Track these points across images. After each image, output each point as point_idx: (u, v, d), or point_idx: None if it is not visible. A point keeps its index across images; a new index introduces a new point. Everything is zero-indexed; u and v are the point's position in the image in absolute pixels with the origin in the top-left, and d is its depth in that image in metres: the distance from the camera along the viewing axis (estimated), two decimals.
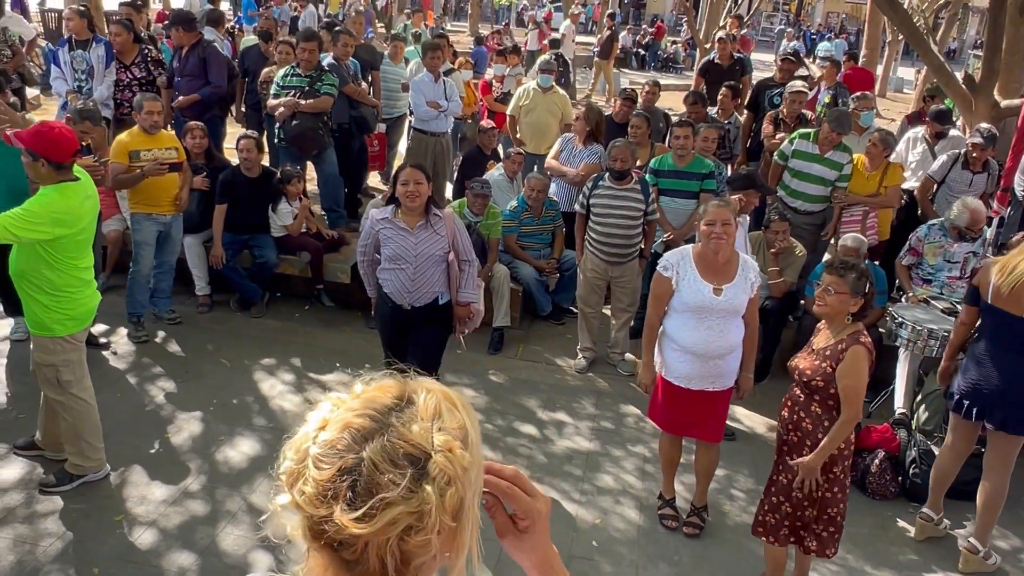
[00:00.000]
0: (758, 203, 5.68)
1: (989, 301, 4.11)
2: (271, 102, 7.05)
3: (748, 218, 5.70)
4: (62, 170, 3.89)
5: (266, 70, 7.79)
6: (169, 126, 7.06)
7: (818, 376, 3.61)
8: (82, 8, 7.59)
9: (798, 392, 3.76)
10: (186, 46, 7.36)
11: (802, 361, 3.73)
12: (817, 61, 14.64)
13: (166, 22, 7.72)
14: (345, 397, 1.07)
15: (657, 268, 4.21)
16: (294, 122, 6.83)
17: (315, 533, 0.99)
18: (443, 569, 1.06)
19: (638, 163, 6.53)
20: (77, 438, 4.26)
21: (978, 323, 4.35)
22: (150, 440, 4.82)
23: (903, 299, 6.02)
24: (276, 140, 7.20)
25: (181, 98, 7.23)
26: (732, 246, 4.06)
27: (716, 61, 9.68)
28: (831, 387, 3.58)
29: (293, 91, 6.87)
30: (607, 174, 5.83)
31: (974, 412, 4.20)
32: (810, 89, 9.01)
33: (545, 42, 16.27)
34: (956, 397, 4.32)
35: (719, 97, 8.19)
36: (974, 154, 6.52)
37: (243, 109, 8.33)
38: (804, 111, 7.69)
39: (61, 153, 3.85)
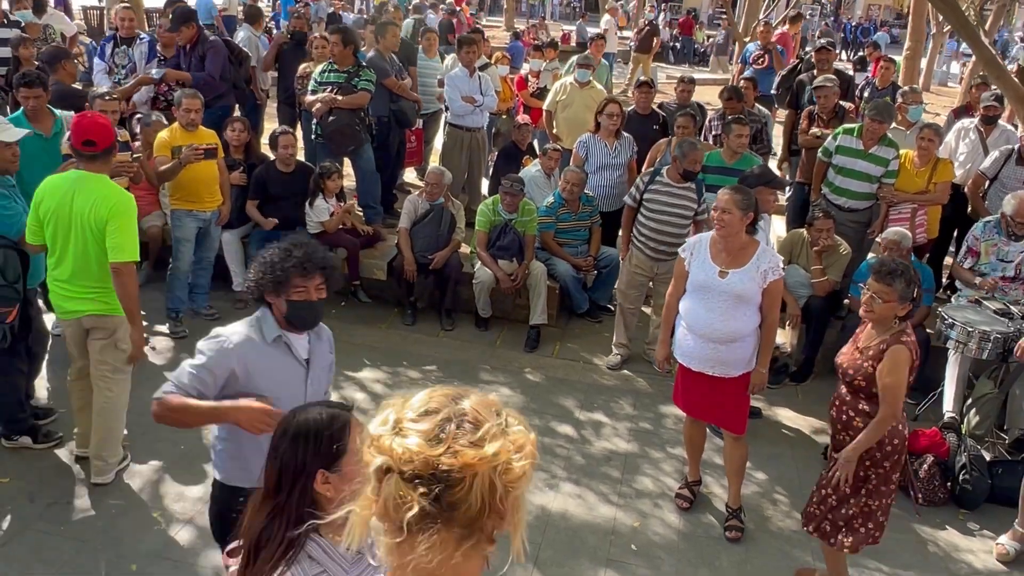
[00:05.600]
0: (775, 199, 5.55)
1: None
2: (308, 98, 7.04)
3: (769, 217, 5.56)
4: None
5: (303, 66, 7.78)
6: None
7: (859, 375, 3.56)
8: (129, 6, 7.67)
9: (844, 391, 3.69)
10: (188, 43, 7.35)
11: (845, 358, 3.68)
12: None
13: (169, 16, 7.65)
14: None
15: (678, 250, 4.37)
16: (331, 118, 6.81)
17: (416, 480, 1.12)
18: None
19: None
20: (121, 422, 4.39)
21: None
22: (187, 437, 4.81)
23: (953, 299, 5.84)
24: (313, 136, 7.19)
25: (168, 70, 7.23)
26: (735, 234, 4.07)
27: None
28: (872, 386, 3.53)
29: (330, 87, 6.85)
30: (665, 169, 5.73)
31: None
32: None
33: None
34: None
35: (743, 89, 7.96)
36: None
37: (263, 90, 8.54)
38: (843, 103, 7.48)
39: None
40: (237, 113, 7.70)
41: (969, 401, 5.32)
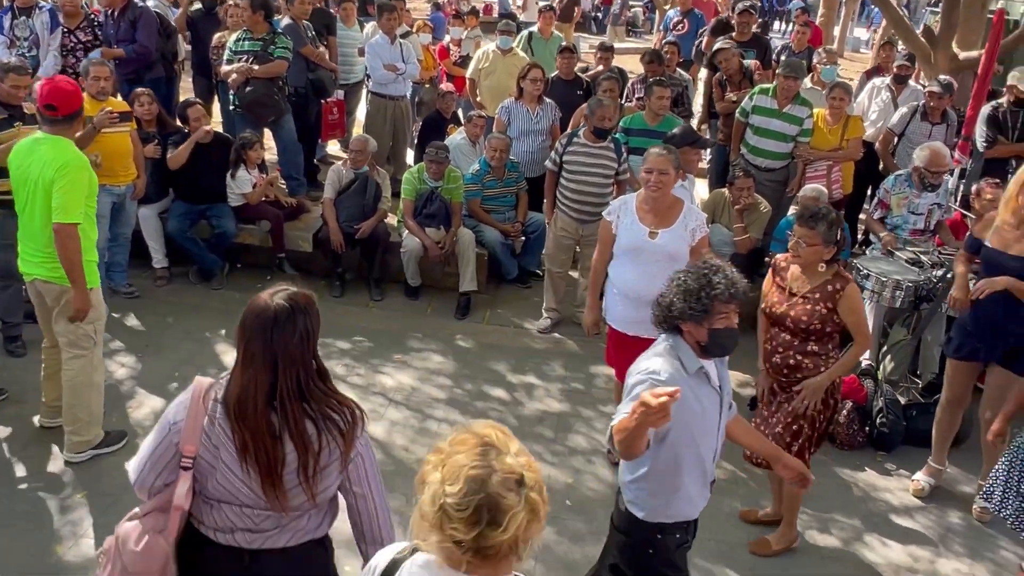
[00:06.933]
0: (699, 159, 5.68)
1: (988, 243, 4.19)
2: (224, 68, 6.84)
3: (693, 178, 5.67)
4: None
5: (218, 35, 7.55)
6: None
7: (816, 320, 3.69)
8: None
9: (788, 337, 3.80)
10: (117, 8, 7.09)
11: (791, 308, 3.76)
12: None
13: None
14: (444, 446, 1.60)
15: (603, 214, 4.37)
16: (248, 88, 6.64)
17: (463, 545, 1.52)
18: None
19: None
20: (97, 398, 4.32)
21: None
22: (110, 416, 4.68)
23: (867, 251, 6.04)
24: (232, 107, 7.00)
25: (104, 49, 6.99)
26: (667, 195, 4.14)
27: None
28: (828, 326, 3.70)
29: (246, 56, 6.67)
30: (582, 131, 5.75)
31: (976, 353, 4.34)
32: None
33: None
34: (954, 342, 4.43)
35: (665, 54, 8.02)
36: (932, 103, 6.56)
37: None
38: (745, 62, 7.60)
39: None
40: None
41: (884, 348, 5.54)
